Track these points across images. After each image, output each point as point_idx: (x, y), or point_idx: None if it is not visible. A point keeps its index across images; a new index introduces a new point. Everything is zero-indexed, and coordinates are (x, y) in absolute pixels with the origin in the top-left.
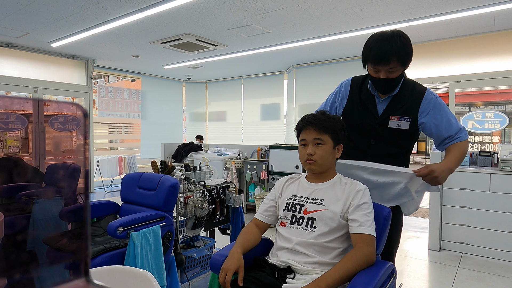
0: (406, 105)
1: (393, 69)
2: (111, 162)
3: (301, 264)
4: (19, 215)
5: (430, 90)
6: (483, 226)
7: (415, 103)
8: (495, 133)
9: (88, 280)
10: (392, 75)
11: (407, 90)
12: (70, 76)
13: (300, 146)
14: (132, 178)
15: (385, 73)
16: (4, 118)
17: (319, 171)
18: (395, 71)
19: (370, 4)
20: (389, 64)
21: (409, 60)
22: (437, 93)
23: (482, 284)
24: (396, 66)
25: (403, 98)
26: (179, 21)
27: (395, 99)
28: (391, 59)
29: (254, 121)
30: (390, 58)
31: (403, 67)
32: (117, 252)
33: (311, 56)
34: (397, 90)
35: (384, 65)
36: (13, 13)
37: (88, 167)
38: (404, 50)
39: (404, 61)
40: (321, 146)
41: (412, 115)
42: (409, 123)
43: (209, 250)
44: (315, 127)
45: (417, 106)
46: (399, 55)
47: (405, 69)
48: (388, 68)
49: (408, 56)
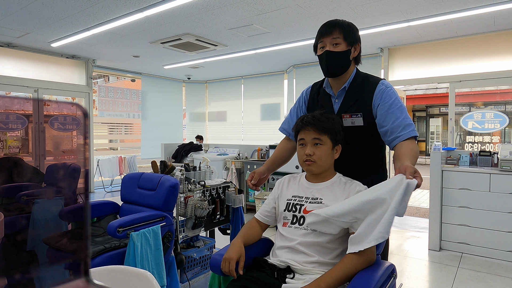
0: (359, 100)
1: (337, 39)
2: (111, 162)
3: (300, 264)
4: (19, 215)
5: (383, 81)
6: (483, 226)
7: (367, 97)
8: (495, 133)
9: (88, 280)
10: (336, 48)
11: (358, 85)
12: (70, 76)
13: (299, 146)
14: (132, 178)
15: (329, 46)
16: (4, 118)
17: (318, 171)
18: (339, 43)
19: (370, 4)
20: (332, 34)
21: (353, 36)
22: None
23: (482, 284)
24: (339, 36)
25: (355, 93)
26: (179, 21)
27: (348, 96)
28: (335, 28)
29: (254, 121)
30: (333, 27)
31: (345, 41)
32: (117, 252)
33: (311, 56)
34: (346, 84)
35: (327, 36)
36: (13, 13)
37: (88, 167)
38: (347, 25)
39: (347, 33)
40: (320, 146)
41: (366, 110)
42: (362, 118)
43: (209, 250)
44: (314, 128)
45: (370, 100)
46: (342, 26)
47: (349, 49)
48: (332, 38)
49: (351, 30)
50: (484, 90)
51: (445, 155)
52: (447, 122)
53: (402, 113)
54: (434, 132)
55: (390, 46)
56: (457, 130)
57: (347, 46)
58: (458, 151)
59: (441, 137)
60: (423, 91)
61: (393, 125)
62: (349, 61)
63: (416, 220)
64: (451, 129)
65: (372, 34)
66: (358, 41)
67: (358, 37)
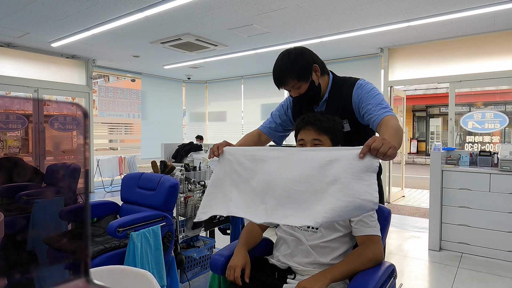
0: (341, 108)
1: (296, 85)
2: (111, 162)
3: (301, 265)
4: (19, 215)
5: (359, 81)
6: (483, 226)
7: (348, 102)
8: (495, 133)
9: (88, 280)
10: (300, 91)
11: (337, 91)
12: (70, 76)
13: (298, 146)
14: (132, 178)
15: (294, 91)
16: (4, 118)
17: None
18: (300, 86)
19: (370, 4)
20: (287, 84)
21: (305, 72)
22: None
23: (482, 284)
24: (295, 83)
25: (336, 100)
26: (179, 21)
27: (329, 105)
28: (286, 80)
29: (254, 121)
30: (285, 79)
31: (303, 81)
32: (117, 252)
33: None
34: (326, 95)
35: (285, 87)
36: (13, 13)
37: (88, 167)
38: (294, 67)
39: (300, 75)
40: (319, 147)
41: (350, 115)
42: (348, 124)
43: (209, 250)
44: (314, 128)
45: (350, 104)
46: (291, 73)
47: (311, 80)
48: (291, 87)
49: (301, 69)
50: (484, 90)
51: (445, 155)
52: (447, 122)
53: (378, 98)
54: (434, 132)
55: (390, 46)
56: (457, 130)
57: (306, 82)
58: (458, 151)
59: (441, 137)
60: (423, 91)
61: (372, 108)
62: (318, 86)
63: (416, 220)
64: (451, 129)
65: (372, 34)
66: (312, 64)
67: (310, 61)
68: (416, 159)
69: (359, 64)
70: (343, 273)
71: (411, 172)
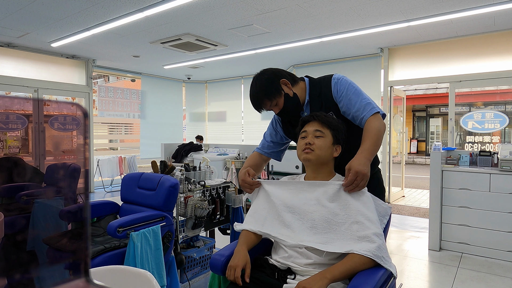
0: (324, 102)
1: (272, 104)
2: (111, 162)
3: (301, 266)
4: (19, 215)
5: (334, 76)
6: (483, 226)
7: (328, 96)
8: (495, 133)
9: (88, 280)
10: (279, 106)
11: (317, 91)
12: (70, 76)
13: (300, 139)
14: (132, 178)
15: (275, 109)
16: (4, 118)
17: (315, 160)
18: (276, 103)
19: (370, 4)
20: (265, 106)
21: (274, 90)
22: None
23: (482, 284)
24: (270, 103)
25: (316, 99)
26: (179, 21)
27: (312, 105)
28: (261, 104)
29: (254, 121)
30: (260, 104)
31: (276, 98)
32: (117, 252)
33: (311, 56)
34: (307, 98)
35: (264, 108)
36: (13, 13)
37: (88, 167)
38: (263, 90)
39: (270, 95)
40: (320, 138)
41: (334, 108)
42: (335, 115)
43: (209, 250)
44: (318, 119)
45: (331, 98)
46: (262, 96)
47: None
48: (269, 107)
49: (269, 90)
50: (484, 90)
51: (445, 155)
52: (447, 122)
53: (359, 96)
54: (434, 132)
55: (390, 46)
56: (457, 130)
57: (280, 96)
58: (458, 151)
59: (441, 137)
60: (423, 91)
61: (354, 110)
62: (294, 96)
63: (416, 220)
64: (451, 129)
65: (372, 34)
66: (279, 80)
67: (275, 78)
68: (416, 159)
69: (359, 64)
70: (343, 273)
71: (411, 172)
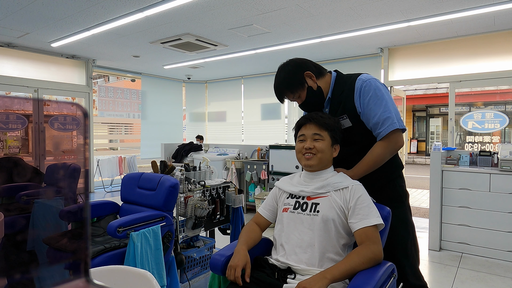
0: (342, 103)
1: (294, 97)
2: (111, 162)
3: (301, 265)
4: (19, 215)
5: (361, 77)
6: (483, 226)
7: (349, 98)
8: (495, 133)
9: (88, 280)
10: (302, 99)
11: (340, 88)
12: (70, 76)
13: (298, 142)
14: (132, 178)
15: (297, 101)
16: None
17: (317, 165)
18: (299, 96)
19: (370, 4)
20: (287, 98)
21: (298, 83)
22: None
23: (482, 284)
24: (293, 95)
25: (338, 97)
26: (179, 21)
27: (333, 102)
28: (283, 95)
29: (254, 121)
30: (282, 95)
31: (299, 91)
32: (117, 252)
33: (311, 56)
34: (329, 94)
35: (288, 99)
36: (13, 13)
37: (88, 167)
38: (286, 82)
39: (293, 88)
40: (319, 141)
41: (351, 110)
42: (349, 119)
43: (209, 250)
44: (315, 122)
45: (352, 100)
46: (284, 88)
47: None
48: (292, 99)
49: (293, 82)
50: (484, 90)
51: (445, 155)
52: (447, 122)
53: (380, 106)
54: (434, 132)
55: (390, 46)
56: (457, 130)
57: (303, 89)
58: (458, 151)
59: (441, 137)
60: (423, 91)
61: (373, 122)
62: (318, 89)
63: (416, 220)
64: (451, 129)
65: (372, 34)
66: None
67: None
68: (416, 159)
69: (359, 64)
70: (343, 273)
71: (411, 172)
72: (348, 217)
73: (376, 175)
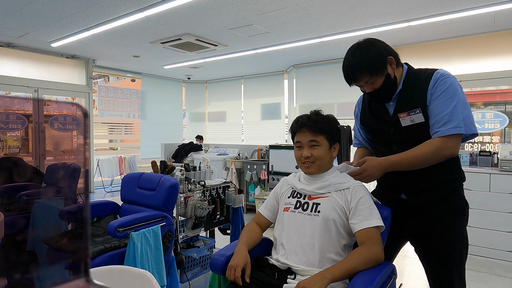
0: (414, 97)
1: (369, 81)
2: (111, 162)
3: (301, 265)
4: (19, 215)
5: (439, 70)
6: (483, 226)
7: (422, 90)
8: (495, 133)
9: (88, 280)
10: (375, 86)
11: (412, 82)
12: (70, 76)
13: (296, 148)
14: (132, 178)
15: (368, 87)
16: (4, 118)
17: (317, 172)
18: (374, 81)
19: (370, 4)
20: (361, 81)
21: (379, 66)
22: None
23: (482, 284)
24: (369, 78)
25: (410, 90)
26: (179, 21)
27: (403, 95)
28: (358, 77)
29: (254, 121)
30: (356, 77)
31: (377, 76)
32: (117, 252)
33: (311, 56)
34: (399, 88)
35: (358, 83)
36: (13, 13)
37: (88, 167)
38: (366, 62)
39: (373, 70)
40: (316, 148)
41: (423, 104)
42: (422, 114)
43: (209, 250)
44: (309, 129)
45: (425, 93)
46: (363, 68)
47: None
48: (365, 83)
49: (374, 64)
50: (484, 90)
51: None
52: None
53: (449, 105)
54: None
55: (390, 46)
56: None
57: (381, 76)
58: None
59: None
60: None
61: (435, 119)
62: (394, 79)
63: None
64: None
65: (372, 34)
66: (387, 57)
67: (384, 53)
68: None
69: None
70: (343, 273)
71: None
72: (349, 218)
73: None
